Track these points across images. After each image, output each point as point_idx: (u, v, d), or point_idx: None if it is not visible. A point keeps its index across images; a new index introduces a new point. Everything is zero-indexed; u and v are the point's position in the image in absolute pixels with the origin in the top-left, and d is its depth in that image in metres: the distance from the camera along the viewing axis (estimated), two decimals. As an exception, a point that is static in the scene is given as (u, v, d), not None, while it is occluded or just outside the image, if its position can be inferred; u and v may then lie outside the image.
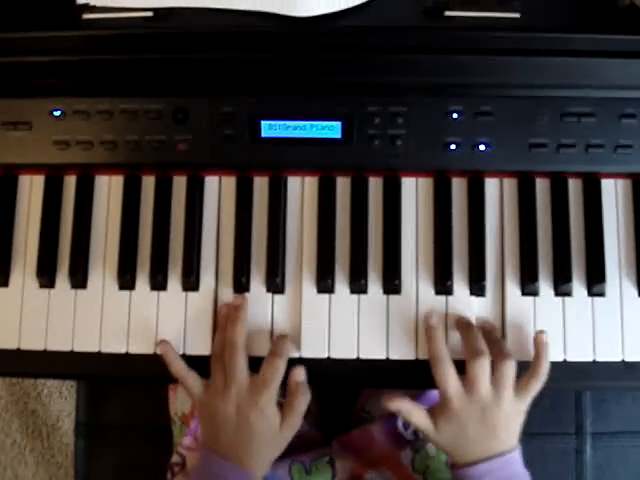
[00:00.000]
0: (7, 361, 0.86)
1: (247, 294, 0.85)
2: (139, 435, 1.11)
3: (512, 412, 0.79)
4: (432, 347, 0.81)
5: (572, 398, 1.09)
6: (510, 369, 0.78)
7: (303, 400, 0.82)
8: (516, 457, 0.79)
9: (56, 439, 1.69)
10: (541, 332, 0.81)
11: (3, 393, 1.69)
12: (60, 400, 1.69)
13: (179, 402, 1.00)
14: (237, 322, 0.82)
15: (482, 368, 0.78)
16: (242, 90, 0.83)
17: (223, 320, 0.84)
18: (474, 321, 0.83)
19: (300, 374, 0.82)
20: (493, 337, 0.81)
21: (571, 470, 1.08)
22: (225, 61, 0.81)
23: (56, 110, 0.84)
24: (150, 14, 0.80)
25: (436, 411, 0.80)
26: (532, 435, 1.07)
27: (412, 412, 0.81)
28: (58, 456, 1.69)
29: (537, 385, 0.80)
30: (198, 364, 0.83)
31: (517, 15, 0.78)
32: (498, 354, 0.79)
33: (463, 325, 0.82)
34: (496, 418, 0.78)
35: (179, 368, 0.82)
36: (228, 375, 0.80)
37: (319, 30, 0.79)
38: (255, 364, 0.81)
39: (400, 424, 0.95)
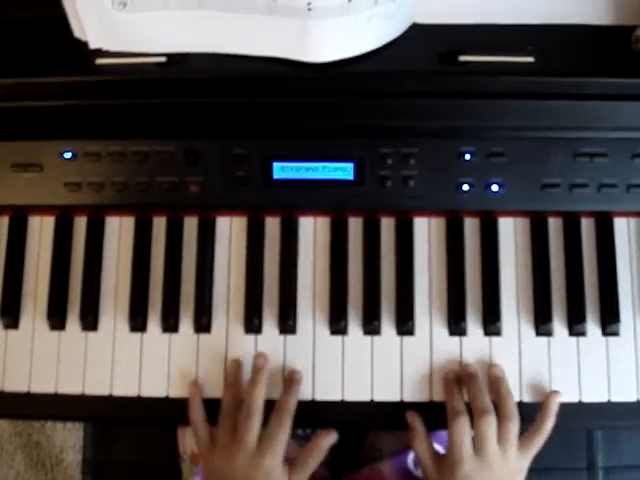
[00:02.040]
0: (17, 404, 0.85)
1: (260, 336, 0.84)
2: (147, 473, 1.10)
3: (517, 470, 0.79)
4: (450, 402, 0.80)
5: (583, 433, 1.09)
6: (515, 428, 0.78)
7: (318, 461, 0.81)
8: None
9: (60, 471, 1.68)
10: (556, 392, 0.81)
11: (7, 425, 1.68)
12: (64, 432, 1.68)
13: (189, 440, 0.99)
14: (258, 385, 0.80)
15: (490, 426, 0.77)
16: (254, 132, 0.83)
17: (231, 377, 0.83)
18: (483, 366, 0.83)
19: (331, 439, 0.81)
20: (501, 394, 0.80)
21: (583, 505, 1.08)
22: (237, 105, 0.81)
23: (67, 152, 0.84)
24: (163, 59, 0.79)
25: (443, 464, 0.78)
26: (544, 470, 1.07)
27: (421, 439, 0.80)
28: (62, 489, 1.68)
29: (540, 441, 0.79)
30: (210, 407, 0.82)
31: (531, 59, 0.78)
32: (505, 414, 0.79)
33: (468, 378, 0.82)
34: (503, 477, 0.77)
35: (197, 416, 0.81)
36: (238, 436, 0.78)
37: (332, 75, 0.78)
38: (267, 406, 0.80)
39: (410, 462, 0.94)
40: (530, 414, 0.80)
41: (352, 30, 0.75)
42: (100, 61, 0.80)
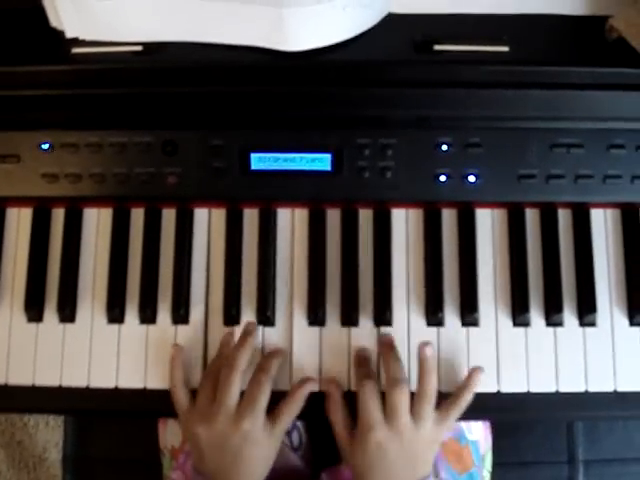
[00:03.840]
0: (-6, 397, 0.85)
1: (237, 326, 0.84)
2: (128, 468, 1.10)
3: (430, 441, 0.79)
4: (359, 369, 0.81)
5: (564, 426, 1.09)
6: (430, 408, 0.78)
7: (298, 409, 0.81)
8: None
9: (43, 470, 1.67)
10: (480, 368, 0.81)
11: (-11, 425, 1.67)
12: (47, 430, 1.67)
13: (169, 435, 0.99)
14: (245, 346, 0.80)
15: (401, 396, 0.77)
16: (232, 123, 0.83)
17: (222, 347, 0.83)
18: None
19: (309, 388, 0.81)
20: (422, 367, 0.80)
21: (564, 499, 1.08)
22: (214, 95, 0.81)
23: (44, 143, 0.84)
24: (139, 48, 0.79)
25: (356, 434, 0.78)
26: (524, 464, 1.07)
27: (337, 408, 0.80)
28: (45, 488, 1.67)
29: (456, 414, 0.79)
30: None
31: (506, 49, 0.78)
32: (421, 390, 0.78)
33: (386, 348, 0.81)
34: (415, 448, 0.77)
35: (177, 376, 0.81)
36: (218, 397, 0.78)
37: (309, 64, 0.79)
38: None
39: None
40: (507, 405, 0.80)
41: (327, 18, 0.75)
42: (76, 50, 0.80)
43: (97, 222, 0.87)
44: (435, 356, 0.81)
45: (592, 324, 0.83)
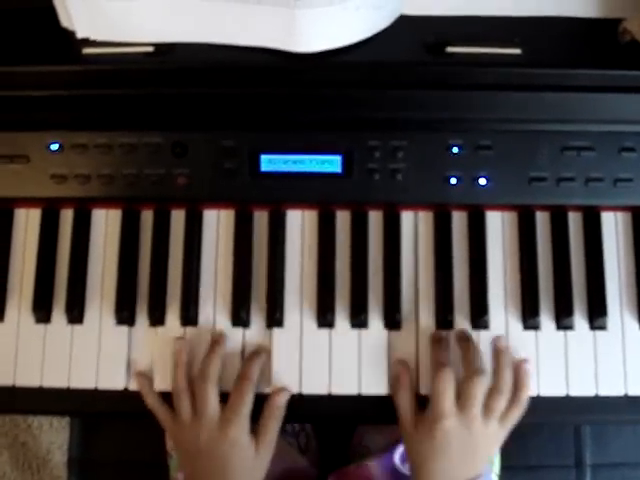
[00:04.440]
0: (2, 398, 0.84)
1: (247, 330, 0.84)
2: (133, 470, 1.09)
3: (494, 439, 0.79)
4: (437, 354, 0.80)
5: (571, 430, 1.08)
6: (503, 403, 0.78)
7: (279, 421, 0.80)
8: None
9: (46, 472, 1.66)
10: (524, 361, 0.81)
11: (-7, 425, 1.67)
12: (51, 432, 1.67)
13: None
14: (214, 356, 0.80)
15: (479, 387, 0.77)
16: (242, 124, 0.83)
17: (176, 354, 0.82)
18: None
19: (283, 398, 0.81)
20: (500, 361, 0.80)
21: (571, 503, 1.08)
22: (225, 96, 0.81)
23: (53, 144, 0.83)
24: (151, 49, 0.79)
25: (423, 419, 0.78)
26: (531, 468, 1.07)
27: (404, 390, 0.79)
28: (49, 490, 1.66)
29: (518, 414, 0.79)
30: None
31: (518, 51, 0.78)
32: (498, 384, 0.78)
33: (463, 340, 0.81)
34: (478, 444, 0.77)
35: (152, 401, 0.81)
36: (198, 408, 0.78)
37: (320, 66, 0.79)
38: (257, 404, 0.80)
39: (397, 459, 0.94)
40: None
41: (340, 20, 0.75)
42: (87, 50, 0.80)
43: (106, 223, 0.87)
44: (511, 351, 0.81)
45: (602, 327, 0.83)
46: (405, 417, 0.79)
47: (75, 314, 0.84)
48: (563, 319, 0.83)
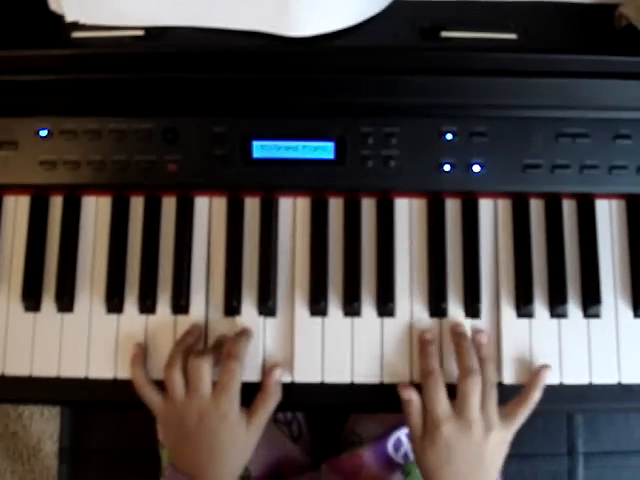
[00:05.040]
0: (-9, 387, 0.83)
1: (238, 317, 0.83)
2: (125, 460, 1.09)
3: (499, 442, 0.77)
4: (424, 362, 0.80)
5: (564, 418, 1.08)
6: (494, 393, 0.77)
7: (274, 400, 0.80)
8: None
9: (37, 462, 1.66)
10: (548, 366, 0.80)
11: (-17, 415, 1.66)
12: (41, 421, 1.66)
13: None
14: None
15: (475, 387, 0.76)
16: (234, 110, 0.82)
17: (187, 335, 0.82)
18: (469, 332, 0.82)
19: (279, 374, 0.80)
20: (482, 355, 0.80)
21: (564, 491, 1.08)
22: (217, 81, 0.80)
23: (42, 130, 0.82)
24: (141, 33, 0.78)
25: (423, 435, 0.77)
26: (524, 457, 1.07)
27: (415, 413, 0.78)
28: (40, 479, 1.65)
29: (525, 413, 0.78)
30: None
31: (514, 36, 0.77)
32: (484, 376, 0.78)
33: (459, 338, 0.81)
34: (484, 447, 0.76)
35: (139, 379, 0.80)
36: (192, 387, 0.78)
37: (313, 50, 0.78)
38: (247, 391, 0.79)
39: (390, 447, 0.94)
40: (510, 396, 0.80)
41: (333, 4, 0.74)
42: (76, 34, 0.79)
43: (96, 210, 0.86)
44: (492, 344, 0.81)
45: (596, 315, 0.83)
46: (415, 434, 0.78)
47: (65, 302, 0.83)
48: (557, 307, 0.82)
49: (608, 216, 0.85)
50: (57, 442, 1.12)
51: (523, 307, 0.82)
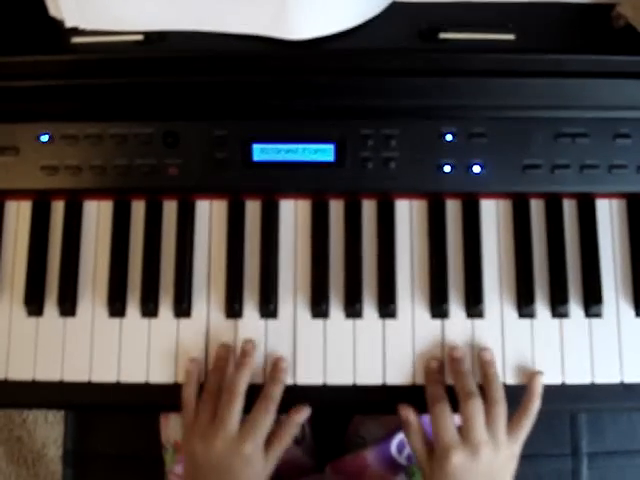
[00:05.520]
0: (-6, 392, 0.84)
1: (240, 320, 0.83)
2: (129, 463, 1.09)
3: (508, 457, 0.77)
4: (429, 390, 0.80)
5: (567, 418, 1.08)
6: (502, 413, 0.77)
7: (292, 436, 0.80)
8: None
9: (42, 466, 1.66)
10: (539, 373, 0.80)
11: (-13, 420, 1.66)
12: (46, 426, 1.66)
13: (171, 429, 0.98)
14: (244, 368, 0.80)
15: (476, 408, 0.76)
16: (234, 114, 0.82)
17: (220, 361, 0.81)
18: (471, 350, 0.82)
19: (304, 414, 0.81)
20: (488, 378, 0.80)
21: (568, 492, 1.07)
22: (216, 84, 0.80)
23: (43, 135, 0.83)
24: (140, 38, 0.78)
25: (433, 458, 0.77)
26: (527, 457, 1.05)
27: (415, 433, 0.78)
28: (44, 484, 1.66)
29: (528, 424, 0.78)
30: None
31: (512, 37, 0.78)
32: (492, 398, 0.78)
33: (454, 361, 0.81)
34: (494, 467, 0.76)
35: (189, 392, 0.80)
36: (218, 419, 0.77)
37: (312, 53, 0.78)
38: (249, 392, 0.79)
39: (394, 449, 0.94)
40: (514, 396, 0.80)
41: (331, 6, 0.74)
42: (76, 40, 0.79)
43: (97, 215, 0.86)
44: (495, 361, 0.81)
45: (598, 315, 0.83)
46: (421, 459, 0.78)
47: (67, 307, 0.84)
48: (558, 307, 0.82)
49: (609, 215, 0.85)
50: (61, 447, 1.12)
51: (525, 307, 0.82)
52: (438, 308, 0.82)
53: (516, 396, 0.79)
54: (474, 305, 0.82)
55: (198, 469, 0.78)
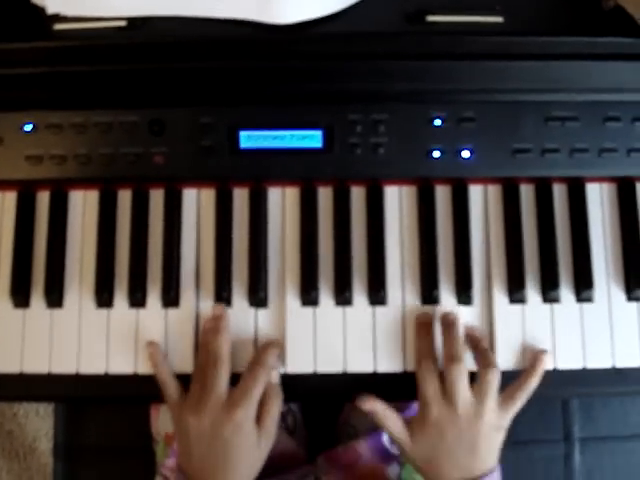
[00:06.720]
0: (-19, 385, 0.83)
1: (229, 309, 0.82)
2: (120, 456, 1.08)
3: (494, 425, 0.77)
4: (418, 344, 0.80)
5: (559, 404, 1.08)
6: (494, 378, 0.76)
7: (277, 403, 0.78)
8: (496, 479, 0.77)
9: (34, 460, 1.65)
10: (546, 352, 0.80)
11: (-23, 415, 1.65)
12: (37, 420, 1.66)
13: (162, 421, 0.98)
14: (220, 332, 0.79)
15: (459, 373, 0.76)
16: (220, 100, 0.81)
17: (206, 335, 0.81)
18: (462, 328, 0.81)
19: (274, 377, 0.80)
20: (480, 346, 0.79)
21: (560, 477, 1.07)
22: (202, 71, 0.79)
23: (27, 124, 0.82)
24: (123, 24, 0.77)
25: (413, 420, 0.77)
26: (520, 443, 1.07)
27: (386, 417, 0.78)
28: (36, 477, 1.65)
29: (523, 398, 0.78)
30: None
31: (500, 19, 0.77)
32: (483, 363, 0.77)
33: (446, 324, 0.80)
34: (476, 431, 0.75)
35: (163, 373, 0.79)
36: (206, 387, 0.76)
37: (298, 37, 0.77)
38: (236, 381, 0.78)
39: (386, 439, 0.93)
40: (504, 383, 0.79)
41: (317, -10, 0.74)
42: (58, 26, 0.78)
43: (83, 204, 0.85)
44: (484, 330, 0.81)
45: (589, 300, 0.82)
46: (400, 437, 0.78)
47: (54, 298, 0.83)
48: (549, 292, 0.82)
49: (599, 199, 0.84)
50: (52, 440, 1.11)
51: (515, 293, 0.82)
52: (428, 294, 0.82)
53: (505, 381, 0.78)
54: (465, 291, 0.82)
55: (192, 443, 0.76)
